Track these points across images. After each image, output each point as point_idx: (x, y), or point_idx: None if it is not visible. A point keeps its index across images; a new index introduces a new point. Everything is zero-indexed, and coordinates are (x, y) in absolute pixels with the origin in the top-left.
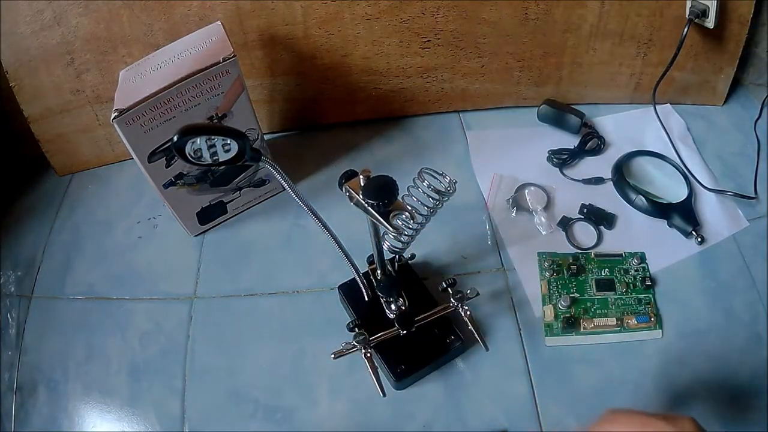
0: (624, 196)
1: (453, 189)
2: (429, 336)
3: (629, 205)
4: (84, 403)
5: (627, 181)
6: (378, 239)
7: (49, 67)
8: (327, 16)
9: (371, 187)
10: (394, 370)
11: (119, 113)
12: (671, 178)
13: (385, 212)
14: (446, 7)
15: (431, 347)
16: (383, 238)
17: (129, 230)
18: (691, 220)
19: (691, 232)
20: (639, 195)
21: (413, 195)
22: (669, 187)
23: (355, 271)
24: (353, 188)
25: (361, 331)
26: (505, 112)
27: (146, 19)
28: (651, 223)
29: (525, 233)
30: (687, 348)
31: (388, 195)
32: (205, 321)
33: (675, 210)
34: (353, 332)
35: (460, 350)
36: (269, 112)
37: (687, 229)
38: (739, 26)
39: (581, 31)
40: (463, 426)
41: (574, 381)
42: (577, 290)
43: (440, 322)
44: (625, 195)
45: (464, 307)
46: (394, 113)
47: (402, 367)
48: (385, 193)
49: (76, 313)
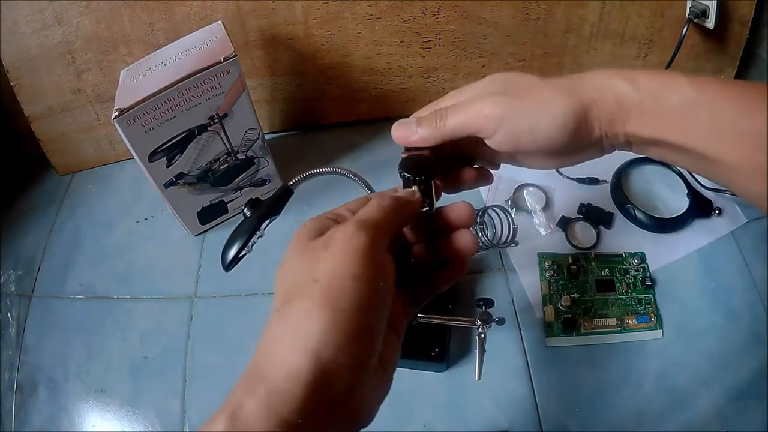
0: (620, 207)
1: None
2: (420, 336)
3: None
4: (84, 402)
5: (624, 193)
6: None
7: (49, 67)
8: (328, 16)
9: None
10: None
11: (120, 113)
12: (672, 189)
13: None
14: (447, 7)
15: (414, 346)
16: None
17: (129, 230)
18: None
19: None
20: (635, 207)
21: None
22: (669, 199)
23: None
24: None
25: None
26: None
27: (147, 19)
28: None
29: (524, 234)
30: (687, 348)
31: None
32: (205, 320)
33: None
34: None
35: (436, 368)
36: (270, 112)
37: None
38: (739, 27)
39: (582, 32)
40: (463, 426)
41: (574, 381)
42: (578, 290)
43: (441, 331)
44: (621, 206)
45: (483, 330)
46: (395, 113)
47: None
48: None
49: (76, 313)
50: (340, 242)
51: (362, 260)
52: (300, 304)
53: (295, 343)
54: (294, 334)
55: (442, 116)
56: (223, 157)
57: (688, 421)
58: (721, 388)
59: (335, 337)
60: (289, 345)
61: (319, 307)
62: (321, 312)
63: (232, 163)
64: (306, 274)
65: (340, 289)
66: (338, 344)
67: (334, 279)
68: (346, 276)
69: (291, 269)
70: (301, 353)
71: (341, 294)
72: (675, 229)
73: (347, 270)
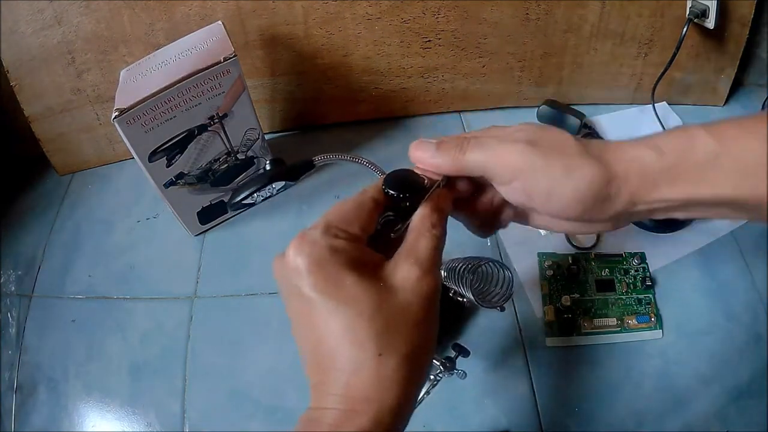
0: None
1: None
2: None
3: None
4: (84, 402)
5: None
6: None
7: (49, 67)
8: (328, 16)
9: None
10: None
11: (120, 113)
12: None
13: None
14: (447, 7)
15: None
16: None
17: (129, 229)
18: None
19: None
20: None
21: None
22: None
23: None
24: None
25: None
26: (505, 113)
27: (147, 19)
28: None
29: (525, 233)
30: (687, 348)
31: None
32: (205, 321)
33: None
34: None
35: None
36: (270, 112)
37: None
38: (739, 27)
39: (582, 32)
40: (463, 426)
41: (574, 381)
42: (578, 290)
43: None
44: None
45: (439, 374)
46: (395, 113)
47: None
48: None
49: (76, 313)
50: (420, 284)
51: (431, 305)
52: (391, 359)
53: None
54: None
55: (462, 147)
56: (223, 157)
57: (688, 421)
58: (721, 388)
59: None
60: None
61: (405, 359)
62: (405, 364)
63: (232, 163)
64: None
65: (415, 338)
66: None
67: (419, 316)
68: (425, 318)
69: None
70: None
71: (415, 342)
72: (675, 229)
73: (425, 312)
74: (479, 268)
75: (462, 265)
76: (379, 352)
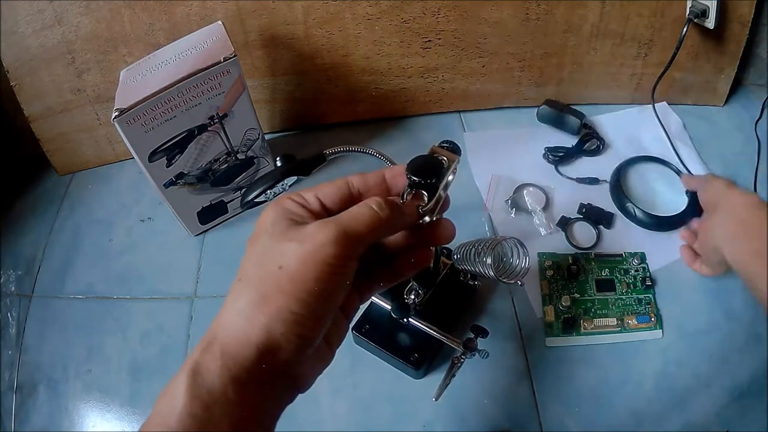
0: (619, 206)
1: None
2: (411, 337)
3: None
4: (84, 402)
5: (623, 192)
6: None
7: (49, 67)
8: (328, 16)
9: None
10: (359, 329)
11: (120, 113)
12: (671, 187)
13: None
14: (447, 7)
15: (398, 344)
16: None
17: (129, 229)
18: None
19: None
20: (635, 206)
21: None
22: (668, 197)
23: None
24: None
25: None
26: (505, 113)
27: (147, 19)
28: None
29: (524, 234)
30: (687, 348)
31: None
32: (205, 320)
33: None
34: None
35: (412, 373)
36: (270, 112)
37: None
38: (739, 27)
39: (582, 32)
40: (463, 426)
41: (574, 381)
42: (578, 290)
43: (430, 340)
44: (620, 205)
45: (462, 357)
46: (394, 113)
47: (366, 326)
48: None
49: (76, 313)
50: (313, 244)
51: (330, 269)
52: (261, 284)
53: (250, 316)
54: (250, 308)
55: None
56: (223, 157)
57: (688, 421)
58: (721, 388)
59: (287, 316)
60: (245, 316)
61: (277, 291)
62: (278, 296)
63: (232, 163)
64: (273, 258)
65: (302, 281)
66: (289, 323)
67: (297, 273)
68: (309, 278)
69: (261, 250)
70: (253, 325)
71: (301, 286)
72: (675, 228)
73: (312, 273)
74: (498, 245)
75: (478, 245)
76: (237, 281)
